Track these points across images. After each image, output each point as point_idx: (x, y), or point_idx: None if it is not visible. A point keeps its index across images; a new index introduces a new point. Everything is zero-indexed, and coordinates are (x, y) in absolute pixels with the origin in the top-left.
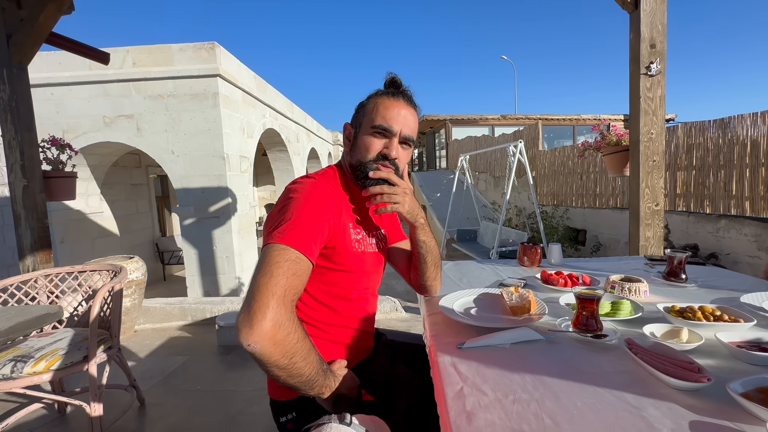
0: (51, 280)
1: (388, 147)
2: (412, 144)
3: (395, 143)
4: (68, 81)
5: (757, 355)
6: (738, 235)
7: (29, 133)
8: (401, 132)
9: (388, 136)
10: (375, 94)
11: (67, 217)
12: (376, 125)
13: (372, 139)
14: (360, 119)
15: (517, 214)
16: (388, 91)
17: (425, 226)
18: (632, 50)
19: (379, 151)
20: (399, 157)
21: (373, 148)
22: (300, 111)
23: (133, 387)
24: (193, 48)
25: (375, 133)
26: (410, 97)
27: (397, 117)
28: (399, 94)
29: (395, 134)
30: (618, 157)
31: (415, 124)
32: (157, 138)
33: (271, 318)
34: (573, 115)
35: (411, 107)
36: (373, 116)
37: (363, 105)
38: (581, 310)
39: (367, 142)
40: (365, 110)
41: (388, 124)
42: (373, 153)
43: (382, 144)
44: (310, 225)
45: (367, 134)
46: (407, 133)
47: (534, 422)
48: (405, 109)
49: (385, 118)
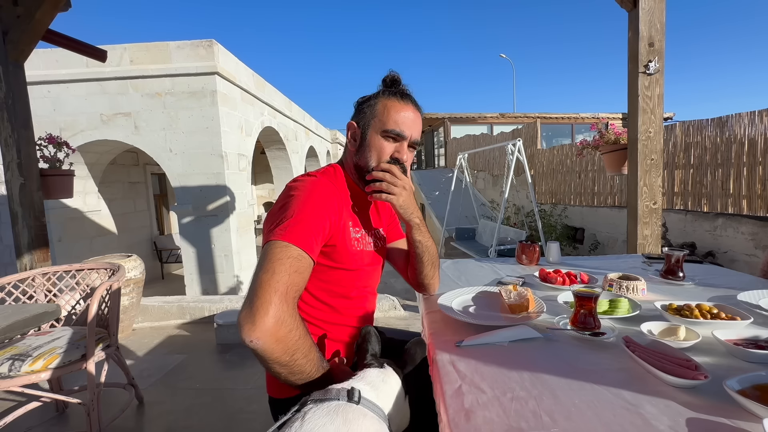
0: (49, 278)
1: (399, 151)
2: (417, 146)
3: (405, 147)
4: (65, 78)
5: (753, 352)
6: (735, 234)
7: (26, 131)
8: (411, 136)
9: (399, 140)
10: (382, 93)
11: (65, 215)
12: (388, 130)
13: (384, 142)
14: (368, 119)
15: (515, 212)
16: (396, 92)
17: (421, 225)
18: (631, 49)
19: (390, 154)
20: (407, 160)
21: (384, 152)
22: (298, 109)
23: (132, 385)
24: (191, 45)
25: (387, 137)
26: (415, 100)
27: (407, 121)
28: (407, 98)
29: (407, 139)
30: (616, 156)
31: (421, 126)
32: (155, 136)
33: (274, 315)
34: (572, 113)
35: (418, 111)
36: (384, 119)
37: (369, 104)
38: (579, 308)
39: (379, 146)
40: (374, 111)
41: (400, 129)
42: (385, 157)
43: (393, 148)
44: (311, 223)
45: (378, 137)
46: (416, 138)
47: (532, 420)
48: (414, 113)
49: (398, 123)
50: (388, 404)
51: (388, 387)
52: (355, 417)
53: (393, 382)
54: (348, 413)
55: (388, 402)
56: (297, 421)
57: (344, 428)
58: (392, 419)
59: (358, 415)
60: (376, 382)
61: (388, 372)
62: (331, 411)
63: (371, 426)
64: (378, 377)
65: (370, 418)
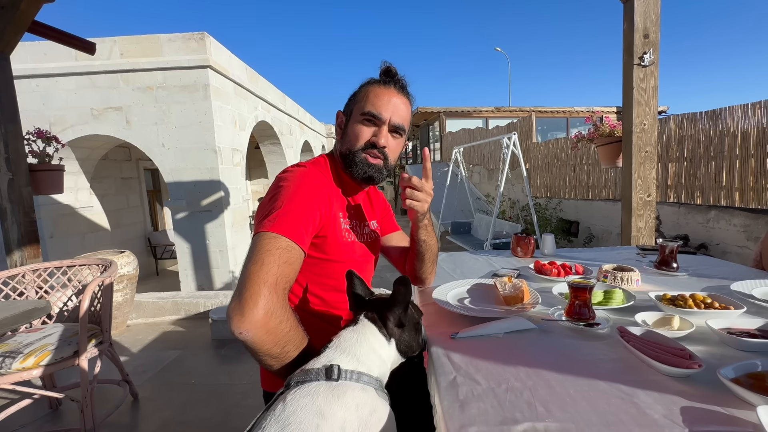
0: (39, 275)
1: (377, 135)
2: (403, 133)
3: (384, 131)
4: (54, 72)
5: (747, 341)
6: (727, 226)
7: (13, 124)
8: (391, 120)
9: (377, 123)
10: (367, 82)
11: (56, 211)
12: (365, 112)
13: (361, 126)
14: (351, 107)
15: (511, 206)
16: (381, 80)
17: (428, 225)
18: (626, 40)
19: (367, 139)
20: (388, 146)
21: (362, 136)
22: (293, 103)
23: (126, 382)
24: (183, 38)
25: (364, 120)
26: (403, 85)
27: (387, 104)
28: (391, 82)
29: (384, 121)
30: (611, 148)
31: (407, 113)
32: (147, 131)
33: (263, 306)
34: (567, 107)
35: (403, 96)
36: (363, 104)
37: (355, 93)
38: (574, 299)
39: (357, 130)
40: (357, 98)
41: (377, 111)
42: (362, 141)
43: (371, 132)
44: (301, 213)
45: (357, 122)
46: (397, 121)
47: (527, 410)
48: (396, 97)
49: (375, 105)
50: (374, 363)
51: (366, 345)
52: (336, 395)
53: (370, 336)
54: (329, 391)
55: (372, 362)
56: (279, 405)
57: (326, 406)
58: (385, 364)
59: (339, 393)
60: (352, 347)
61: (361, 328)
62: (311, 391)
63: (351, 400)
64: (352, 339)
65: (352, 389)
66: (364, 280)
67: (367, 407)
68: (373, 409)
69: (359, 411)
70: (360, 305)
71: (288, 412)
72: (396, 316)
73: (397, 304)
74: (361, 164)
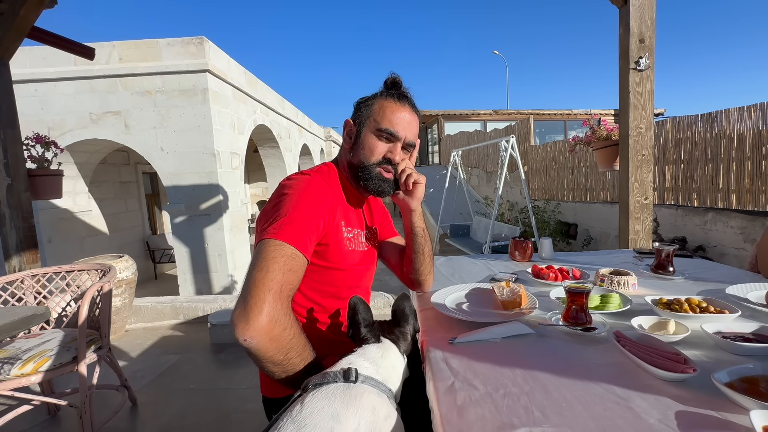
0: (38, 280)
1: (392, 152)
2: (413, 150)
3: (399, 148)
4: (53, 77)
5: (741, 345)
6: (725, 228)
7: (12, 130)
8: (405, 138)
9: (392, 140)
10: (380, 94)
11: (55, 216)
12: (382, 128)
13: (377, 141)
14: (364, 118)
15: (509, 208)
16: (394, 94)
17: (421, 214)
18: (621, 45)
19: (383, 154)
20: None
21: (377, 151)
22: (291, 107)
23: (125, 387)
24: (182, 43)
25: (380, 136)
26: (414, 103)
27: (403, 122)
28: (405, 99)
29: (400, 139)
30: (608, 152)
31: (417, 129)
32: (146, 135)
33: (268, 313)
34: (564, 110)
35: (415, 113)
36: (378, 118)
37: (367, 103)
38: (571, 303)
39: (372, 144)
40: (371, 110)
41: (394, 129)
42: (378, 156)
43: (387, 148)
44: (305, 221)
45: (372, 136)
46: (411, 140)
47: (524, 415)
48: (410, 115)
49: (392, 122)
50: (390, 377)
51: (388, 361)
52: (353, 396)
53: (392, 354)
54: (346, 394)
55: (389, 375)
56: (297, 406)
57: (343, 409)
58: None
59: (356, 395)
60: (375, 358)
61: (386, 345)
62: (329, 394)
63: (368, 402)
64: (377, 353)
65: (369, 393)
66: (365, 300)
67: (383, 411)
68: (388, 414)
69: (375, 414)
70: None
71: (305, 414)
72: (409, 332)
73: (408, 320)
74: (376, 178)
